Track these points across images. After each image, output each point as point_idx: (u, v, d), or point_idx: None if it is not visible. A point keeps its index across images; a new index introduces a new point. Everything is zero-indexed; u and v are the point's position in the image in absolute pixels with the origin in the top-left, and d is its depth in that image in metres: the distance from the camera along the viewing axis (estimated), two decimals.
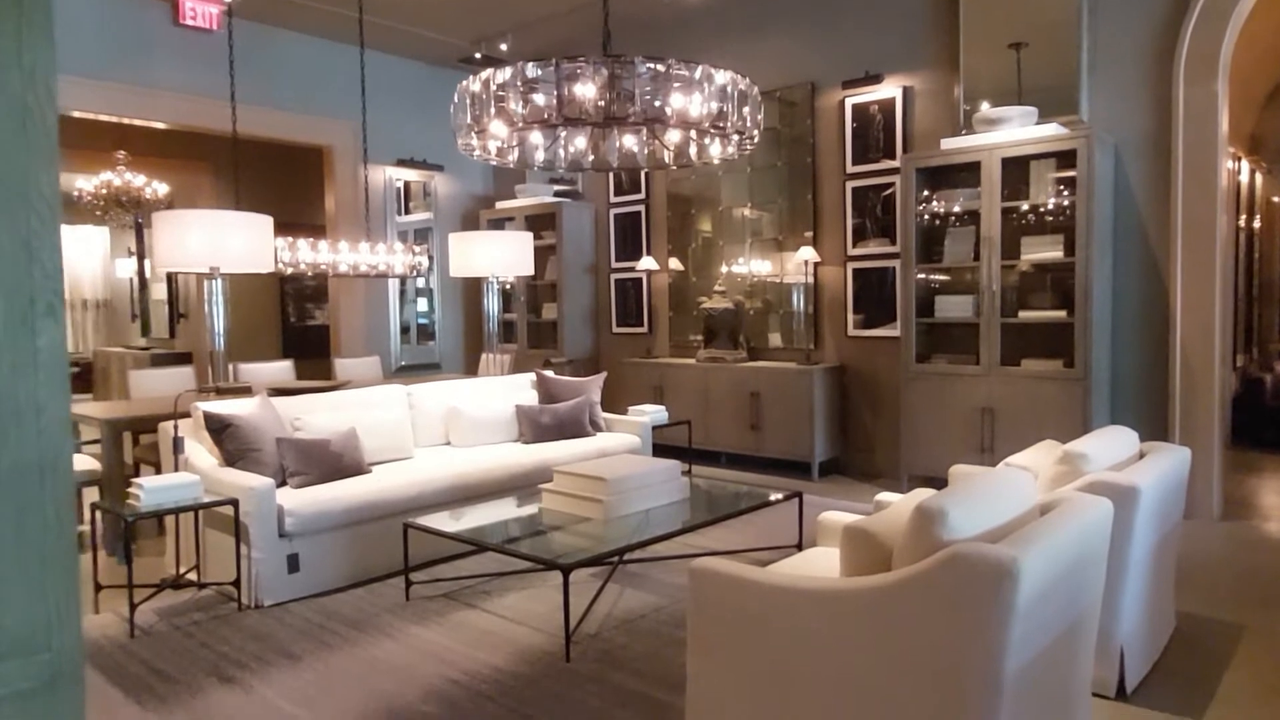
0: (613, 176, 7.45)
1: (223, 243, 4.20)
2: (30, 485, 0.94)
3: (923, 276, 5.31)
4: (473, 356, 8.35)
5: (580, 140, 3.75)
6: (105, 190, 8.05)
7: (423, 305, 8.36)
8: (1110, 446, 2.82)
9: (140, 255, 10.99)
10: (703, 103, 3.11)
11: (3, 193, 0.92)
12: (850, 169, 5.99)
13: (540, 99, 3.02)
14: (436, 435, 5.05)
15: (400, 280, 7.91)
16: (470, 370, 8.25)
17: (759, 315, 6.58)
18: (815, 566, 2.56)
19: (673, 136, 3.62)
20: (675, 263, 7.03)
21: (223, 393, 4.42)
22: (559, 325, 7.51)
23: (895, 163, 5.70)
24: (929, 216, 5.32)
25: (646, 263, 6.99)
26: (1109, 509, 2.15)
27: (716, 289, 6.63)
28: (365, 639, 3.25)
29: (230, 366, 5.49)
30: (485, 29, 7.08)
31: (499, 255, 5.86)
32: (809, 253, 6.10)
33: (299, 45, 7.04)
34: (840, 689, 1.84)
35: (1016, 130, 4.83)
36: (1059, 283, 4.84)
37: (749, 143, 3.58)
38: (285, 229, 5.80)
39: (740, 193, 6.68)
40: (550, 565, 3.14)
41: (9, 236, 0.93)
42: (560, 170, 4.08)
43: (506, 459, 4.66)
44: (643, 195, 7.31)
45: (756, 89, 3.38)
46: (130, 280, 11.61)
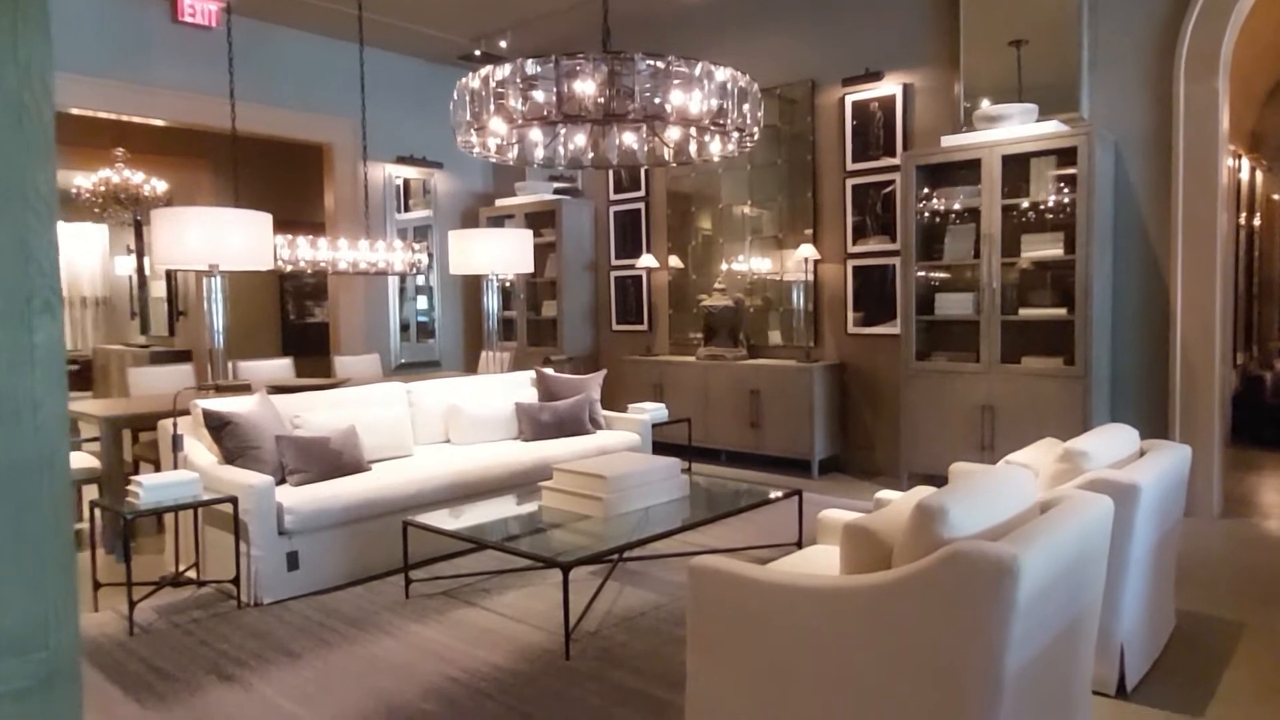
0: (612, 174, 7.45)
1: (222, 240, 4.20)
2: (27, 483, 0.94)
3: (923, 274, 5.31)
4: (472, 354, 8.35)
5: (580, 137, 3.74)
6: (104, 188, 8.02)
7: (422, 303, 8.35)
8: (1110, 444, 2.82)
9: (139, 253, 10.97)
10: (703, 100, 3.10)
11: None
12: (850, 166, 5.99)
13: (540, 96, 3.01)
14: (436, 433, 5.04)
15: (400, 278, 7.90)
16: (470, 368, 8.24)
17: (759, 313, 6.57)
18: (815, 564, 2.56)
19: (673, 134, 3.61)
20: (675, 260, 7.02)
21: (222, 390, 4.42)
22: (559, 323, 7.50)
23: (895, 160, 5.70)
24: (929, 214, 5.31)
25: (646, 260, 6.99)
26: (1109, 507, 2.15)
27: (716, 286, 6.62)
28: (365, 637, 3.25)
29: (229, 364, 5.49)
30: (485, 26, 7.08)
31: (499, 253, 5.85)
32: (809, 250, 6.09)
33: (298, 42, 7.03)
34: (840, 687, 1.84)
35: (1017, 128, 4.83)
36: (1059, 280, 4.83)
37: (749, 140, 3.58)
38: (285, 226, 5.79)
39: (740, 190, 6.67)
40: (550, 563, 3.13)
41: (5, 234, 0.92)
42: (560, 167, 4.08)
43: (506, 457, 4.66)
44: (642, 193, 7.31)
45: (756, 86, 3.37)
46: (129, 278, 11.59)
